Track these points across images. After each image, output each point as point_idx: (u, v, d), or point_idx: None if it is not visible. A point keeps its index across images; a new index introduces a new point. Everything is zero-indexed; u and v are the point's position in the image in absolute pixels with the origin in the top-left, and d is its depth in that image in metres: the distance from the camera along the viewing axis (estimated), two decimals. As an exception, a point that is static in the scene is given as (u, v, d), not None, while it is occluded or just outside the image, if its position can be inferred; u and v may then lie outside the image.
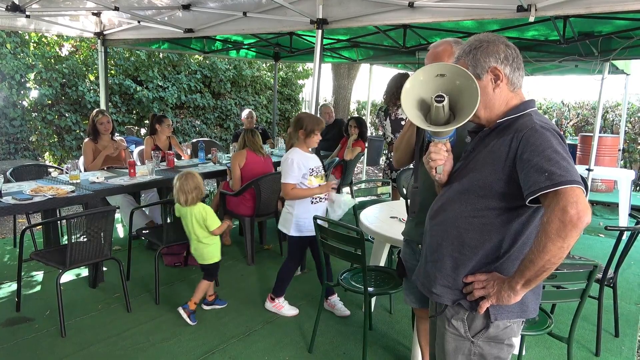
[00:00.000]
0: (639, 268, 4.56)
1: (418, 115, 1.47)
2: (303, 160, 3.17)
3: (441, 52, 1.91)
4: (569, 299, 2.45)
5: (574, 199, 1.22)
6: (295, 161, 3.13)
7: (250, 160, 4.28)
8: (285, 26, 4.17)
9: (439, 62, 1.56)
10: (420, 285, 1.65)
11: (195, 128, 9.75)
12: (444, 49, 1.91)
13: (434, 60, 1.90)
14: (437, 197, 1.61)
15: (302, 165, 3.15)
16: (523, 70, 1.50)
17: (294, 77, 12.11)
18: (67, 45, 8.17)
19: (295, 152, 3.18)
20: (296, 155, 3.16)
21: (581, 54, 5.45)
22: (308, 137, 3.17)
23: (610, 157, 7.35)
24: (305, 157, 3.20)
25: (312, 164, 3.22)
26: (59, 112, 7.50)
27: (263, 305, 3.52)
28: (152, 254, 4.10)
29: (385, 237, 2.91)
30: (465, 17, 3.41)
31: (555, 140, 1.33)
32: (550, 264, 1.28)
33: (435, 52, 1.93)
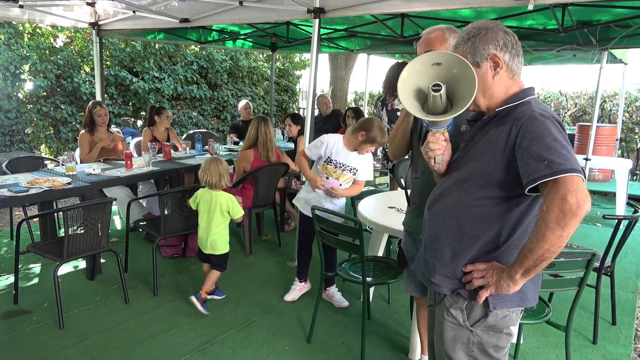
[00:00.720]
0: (636, 257, 4.58)
1: (415, 104, 1.46)
2: (335, 147, 3.10)
3: (433, 38, 1.89)
4: (567, 288, 2.46)
5: (573, 187, 1.21)
6: (325, 141, 3.10)
7: (257, 163, 4.22)
8: (281, 15, 4.12)
9: (436, 51, 1.55)
10: (419, 274, 1.65)
11: (192, 119, 9.70)
12: (437, 36, 1.89)
13: (427, 47, 1.88)
14: (436, 187, 1.60)
15: (328, 149, 3.10)
16: (522, 57, 1.48)
17: (291, 67, 12.03)
18: (61, 36, 8.08)
19: (335, 137, 3.13)
20: (332, 139, 3.11)
21: (579, 43, 5.42)
22: (364, 142, 3.04)
23: (607, 147, 7.36)
24: (340, 148, 3.11)
25: (341, 158, 3.11)
26: (54, 104, 7.44)
27: (262, 295, 3.53)
28: (149, 245, 4.09)
29: (383, 227, 2.91)
30: (464, 5, 3.38)
31: (555, 128, 1.31)
32: (549, 253, 1.27)
33: (428, 38, 1.91)
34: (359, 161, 3.15)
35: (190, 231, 3.80)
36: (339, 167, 3.13)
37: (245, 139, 4.32)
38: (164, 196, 3.54)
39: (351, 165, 3.14)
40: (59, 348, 2.79)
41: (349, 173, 3.15)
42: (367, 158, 3.21)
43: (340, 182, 3.17)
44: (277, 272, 4.00)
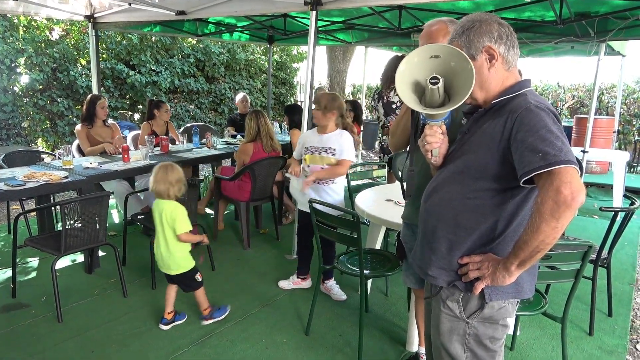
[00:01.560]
0: (633, 248, 4.60)
1: (413, 97, 1.45)
2: (307, 137, 3.31)
3: (435, 31, 1.88)
4: (564, 280, 2.47)
5: (567, 179, 1.21)
6: (302, 139, 3.29)
7: (257, 156, 4.23)
8: (278, 7, 4.10)
9: (434, 44, 1.54)
10: (416, 267, 1.65)
11: (189, 113, 9.67)
12: (439, 28, 1.87)
13: (429, 40, 1.87)
14: (432, 179, 1.60)
15: (304, 143, 3.29)
16: (517, 48, 1.47)
17: (288, 60, 11.99)
18: (57, 29, 8.03)
19: (308, 131, 3.31)
20: (305, 133, 3.31)
21: (577, 35, 5.40)
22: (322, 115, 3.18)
23: (605, 139, 7.36)
24: (311, 134, 3.30)
25: (314, 143, 3.24)
26: (50, 98, 7.40)
27: (259, 288, 3.54)
28: (147, 239, 4.09)
29: (381, 220, 2.91)
30: (462, -4, 3.37)
31: (550, 120, 1.32)
32: (544, 244, 1.28)
33: (430, 31, 1.90)
34: (334, 140, 3.18)
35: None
36: (315, 152, 3.22)
37: (245, 134, 4.32)
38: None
39: (326, 146, 3.19)
40: (58, 341, 2.80)
41: (327, 154, 3.19)
42: (343, 137, 3.19)
43: (322, 166, 3.21)
44: (275, 265, 4.00)
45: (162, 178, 2.82)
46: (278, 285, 3.54)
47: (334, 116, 3.15)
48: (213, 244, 4.17)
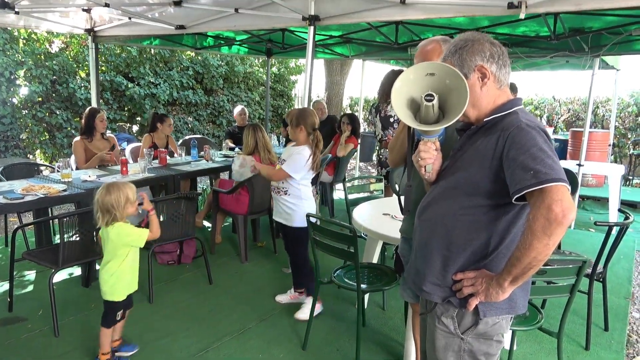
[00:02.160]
0: (628, 262, 4.62)
1: (408, 114, 1.48)
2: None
3: (430, 50, 1.93)
4: (559, 294, 2.48)
5: (558, 196, 1.24)
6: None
7: None
8: (277, 22, 4.15)
9: (429, 61, 1.58)
10: (411, 282, 1.67)
11: (188, 125, 9.71)
12: (433, 48, 1.92)
13: (423, 59, 1.92)
14: (426, 195, 1.62)
15: None
16: (509, 67, 1.51)
17: (286, 73, 12.08)
18: (57, 42, 8.09)
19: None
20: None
21: (572, 49, 5.48)
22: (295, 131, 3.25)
23: (600, 152, 7.42)
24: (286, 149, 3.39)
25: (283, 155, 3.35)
26: (49, 110, 7.43)
27: (257, 302, 3.54)
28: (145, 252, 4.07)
29: (378, 234, 2.93)
30: (457, 13, 3.42)
31: (541, 138, 1.35)
32: (536, 261, 1.30)
33: (425, 50, 1.95)
34: (287, 152, 3.28)
35: (186, 238, 3.81)
36: (280, 162, 3.30)
37: (243, 147, 4.35)
38: (160, 203, 3.55)
39: (283, 157, 3.29)
40: (54, 355, 2.79)
41: (279, 163, 3.30)
42: (294, 152, 3.21)
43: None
44: (272, 279, 4.01)
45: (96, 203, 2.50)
46: (275, 299, 3.53)
47: (302, 132, 3.21)
48: (210, 257, 4.18)
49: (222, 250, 4.63)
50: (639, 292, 4.02)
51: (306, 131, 3.21)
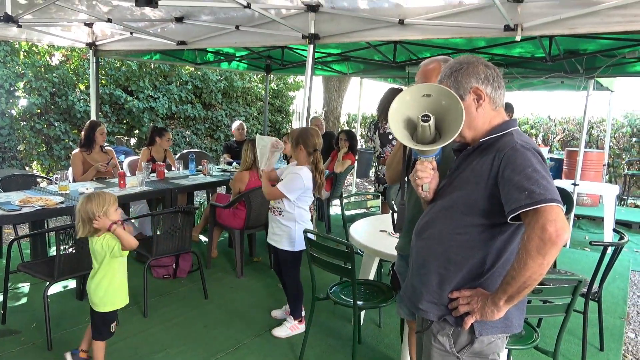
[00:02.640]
0: (624, 282, 4.63)
1: (405, 133, 1.51)
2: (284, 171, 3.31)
3: (431, 70, 1.98)
4: (555, 314, 2.49)
5: (553, 217, 1.26)
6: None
7: (252, 184, 4.27)
8: (277, 40, 4.21)
9: (426, 83, 1.62)
10: (407, 300, 1.68)
11: (186, 139, 9.74)
12: (434, 68, 1.97)
13: (424, 78, 1.96)
14: (423, 214, 1.64)
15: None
16: (504, 88, 1.55)
17: (285, 89, 12.17)
18: (57, 55, 8.15)
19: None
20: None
21: (567, 71, 5.58)
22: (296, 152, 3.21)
23: (595, 172, 7.48)
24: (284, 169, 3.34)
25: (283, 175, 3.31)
26: (48, 122, 7.45)
27: (252, 318, 3.52)
28: (141, 266, 4.07)
29: (374, 251, 2.94)
30: (454, 35, 3.49)
31: (535, 159, 1.38)
32: (531, 280, 1.32)
33: (426, 70, 2.00)
34: (286, 172, 3.23)
35: (182, 252, 3.80)
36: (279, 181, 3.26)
37: (242, 162, 4.37)
38: (157, 216, 3.55)
39: (283, 177, 3.23)
40: (46, 370, 2.76)
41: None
42: (292, 173, 3.14)
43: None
44: (268, 294, 3.99)
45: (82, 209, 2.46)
46: (273, 334, 3.40)
47: (302, 152, 3.15)
48: (206, 272, 4.16)
49: (218, 264, 4.61)
50: (634, 312, 4.02)
51: (306, 151, 3.15)
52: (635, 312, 4.01)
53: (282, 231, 3.20)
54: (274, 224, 3.25)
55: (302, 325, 3.33)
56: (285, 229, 3.19)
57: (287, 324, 3.31)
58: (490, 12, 3.14)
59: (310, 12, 3.74)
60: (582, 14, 2.91)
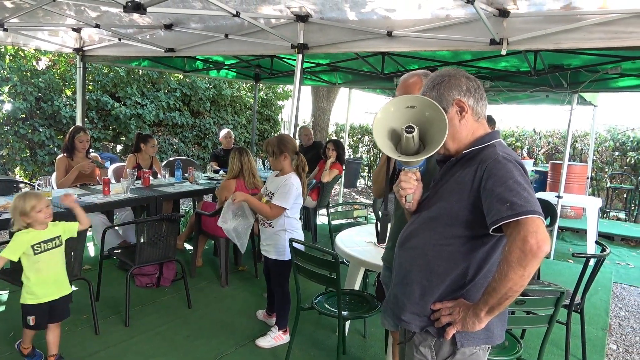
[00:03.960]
0: (606, 294, 4.68)
1: (389, 145, 1.52)
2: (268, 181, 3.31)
3: (411, 84, 2.00)
4: (538, 325, 2.51)
5: (533, 228, 1.27)
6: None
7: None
8: (266, 49, 4.22)
9: (410, 94, 1.63)
10: (390, 312, 1.68)
11: (173, 146, 9.68)
12: (414, 82, 1.99)
13: (405, 92, 1.98)
14: (407, 225, 1.65)
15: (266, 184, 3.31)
16: (485, 100, 1.57)
17: (274, 97, 12.18)
18: (44, 59, 8.06)
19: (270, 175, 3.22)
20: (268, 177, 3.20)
21: (551, 85, 5.66)
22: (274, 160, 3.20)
23: (579, 185, 7.59)
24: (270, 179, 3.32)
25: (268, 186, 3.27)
26: (32, 127, 7.35)
27: (236, 327, 3.48)
28: (123, 274, 4.02)
29: (360, 261, 2.94)
30: (441, 47, 3.53)
31: (517, 171, 1.39)
32: (512, 291, 1.32)
33: (406, 84, 2.02)
34: (277, 184, 3.16)
35: (166, 260, 3.76)
36: (265, 194, 3.23)
37: (228, 170, 4.34)
38: (141, 224, 3.51)
39: (270, 190, 3.20)
40: (23, 380, 2.70)
41: (267, 197, 3.19)
42: (283, 182, 3.12)
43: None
44: (252, 304, 3.96)
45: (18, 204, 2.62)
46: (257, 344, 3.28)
47: (286, 159, 3.14)
48: (190, 281, 4.12)
49: (202, 273, 4.57)
50: (616, 323, 4.07)
51: (290, 157, 3.15)
52: (617, 324, 4.05)
53: (272, 241, 3.20)
54: (265, 235, 3.24)
55: (287, 335, 3.30)
56: (275, 239, 3.18)
57: (271, 334, 3.29)
58: (477, 26, 3.19)
59: (299, 22, 3.76)
60: (566, 30, 2.97)
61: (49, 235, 2.70)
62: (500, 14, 3.05)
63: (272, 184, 3.23)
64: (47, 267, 2.71)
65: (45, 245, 2.68)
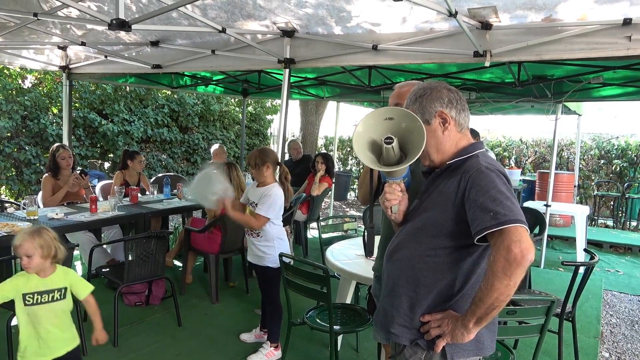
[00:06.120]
0: (597, 301, 4.70)
1: (370, 156, 1.54)
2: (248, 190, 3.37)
3: (405, 92, 2.02)
4: (529, 335, 2.50)
5: (517, 237, 1.28)
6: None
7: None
8: (253, 65, 4.25)
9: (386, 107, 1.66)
10: (379, 325, 1.67)
11: (162, 162, 9.63)
12: (408, 90, 2.01)
13: (398, 99, 2.00)
14: (394, 237, 1.65)
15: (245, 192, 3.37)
16: (468, 111, 1.60)
17: (262, 112, 12.21)
18: (30, 77, 8.01)
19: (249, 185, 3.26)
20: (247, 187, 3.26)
21: (536, 95, 5.75)
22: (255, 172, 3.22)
23: (566, 193, 7.67)
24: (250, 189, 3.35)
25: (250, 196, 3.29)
26: (18, 145, 7.27)
27: (227, 345, 3.43)
28: (111, 293, 3.94)
29: (351, 274, 2.92)
30: (426, 60, 3.58)
31: (500, 180, 1.40)
32: (498, 301, 1.32)
33: (400, 92, 2.04)
34: (259, 195, 3.17)
35: (155, 278, 3.71)
36: (249, 204, 3.25)
37: None
38: (129, 241, 3.47)
39: (252, 200, 3.23)
40: (8, 405, 2.62)
41: (252, 207, 3.21)
42: (266, 192, 3.14)
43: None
44: (243, 320, 3.91)
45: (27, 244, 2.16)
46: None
47: (268, 169, 3.17)
48: (180, 298, 4.07)
49: (192, 290, 4.51)
50: (607, 331, 4.08)
51: (272, 168, 3.20)
52: (609, 331, 4.07)
53: (260, 250, 3.20)
54: (253, 246, 3.24)
55: (278, 351, 3.26)
56: (266, 249, 3.19)
57: (263, 350, 3.24)
58: (460, 38, 3.23)
59: (285, 37, 3.79)
60: (547, 41, 3.02)
61: (48, 286, 2.21)
62: (483, 26, 3.10)
63: (253, 193, 3.24)
64: (42, 322, 2.21)
65: (40, 297, 2.19)
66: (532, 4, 2.85)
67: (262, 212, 3.10)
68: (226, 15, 3.58)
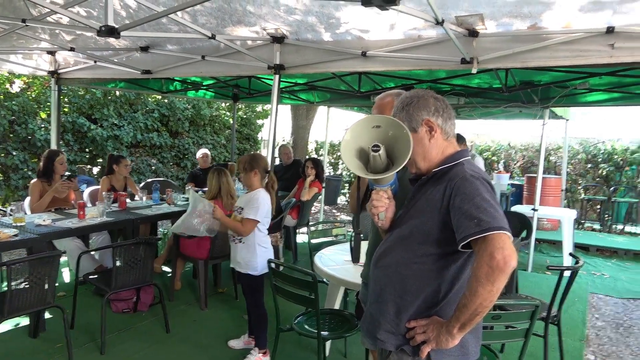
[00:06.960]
0: (583, 305, 4.75)
1: (358, 164, 1.56)
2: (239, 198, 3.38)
3: (385, 104, 2.06)
4: (515, 339, 2.53)
5: (500, 244, 1.30)
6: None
7: None
8: (243, 70, 4.26)
9: (373, 115, 1.68)
10: (366, 330, 1.68)
11: (151, 167, 9.58)
12: (388, 102, 2.05)
13: (379, 111, 2.03)
14: (381, 243, 1.67)
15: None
16: (454, 119, 1.62)
17: (253, 117, 12.21)
18: (18, 82, 7.95)
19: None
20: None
21: (523, 101, 5.82)
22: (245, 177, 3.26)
23: (554, 197, 7.75)
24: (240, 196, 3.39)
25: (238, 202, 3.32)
26: (5, 150, 7.20)
27: (216, 351, 3.42)
28: (99, 300, 3.92)
29: (339, 280, 2.93)
30: (414, 66, 3.60)
31: (484, 188, 1.43)
32: (482, 307, 1.35)
33: (380, 103, 2.08)
34: (245, 200, 3.23)
35: (143, 284, 3.69)
36: (235, 210, 3.28)
37: (207, 190, 4.32)
38: (117, 248, 3.45)
39: (238, 205, 3.28)
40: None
41: (237, 212, 3.24)
42: (251, 197, 3.19)
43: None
44: (232, 326, 3.90)
45: None
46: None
47: (256, 175, 3.21)
48: (169, 305, 4.05)
49: (181, 296, 4.49)
50: (593, 334, 4.12)
51: (260, 175, 3.23)
52: (594, 334, 4.11)
53: (242, 257, 3.22)
54: (236, 252, 3.26)
55: (267, 357, 3.26)
56: (246, 255, 3.21)
57: (251, 357, 3.24)
58: (448, 45, 3.27)
59: (275, 43, 3.81)
60: (532, 49, 3.07)
61: None
62: (469, 34, 3.14)
63: (240, 199, 3.30)
64: None
65: None
66: (518, 12, 2.89)
67: (250, 216, 3.12)
68: (216, 22, 3.59)
